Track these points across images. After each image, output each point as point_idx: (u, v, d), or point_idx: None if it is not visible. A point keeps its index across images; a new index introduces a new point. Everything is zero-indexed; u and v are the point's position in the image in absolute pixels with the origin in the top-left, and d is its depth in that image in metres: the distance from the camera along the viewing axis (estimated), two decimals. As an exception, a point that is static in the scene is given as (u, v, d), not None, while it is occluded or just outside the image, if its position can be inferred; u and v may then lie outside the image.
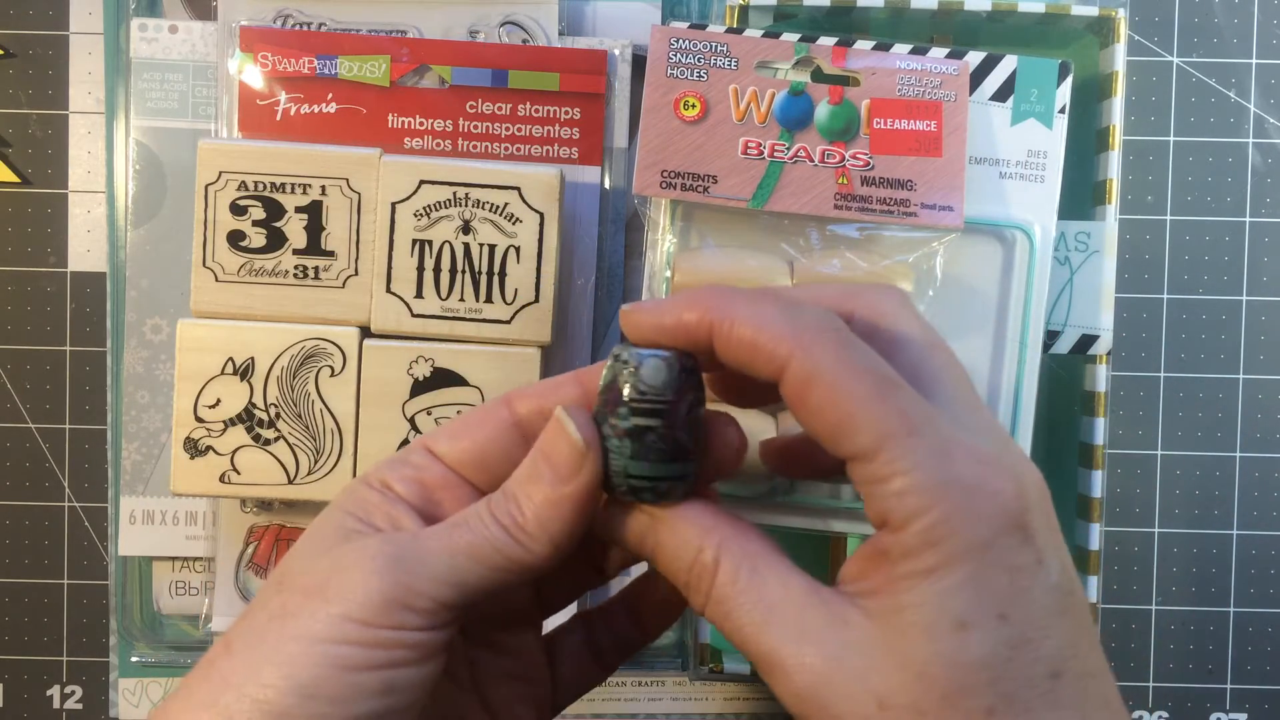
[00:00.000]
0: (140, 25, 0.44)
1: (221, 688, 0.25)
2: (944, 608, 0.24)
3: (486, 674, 0.31)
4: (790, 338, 0.25)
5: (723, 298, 0.27)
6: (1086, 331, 0.43)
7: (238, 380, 0.40)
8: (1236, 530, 0.48)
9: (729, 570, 0.26)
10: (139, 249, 0.44)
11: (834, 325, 0.26)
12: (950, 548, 0.24)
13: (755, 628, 0.25)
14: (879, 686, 0.24)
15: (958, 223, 0.40)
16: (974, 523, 0.24)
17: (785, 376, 0.25)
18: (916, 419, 0.25)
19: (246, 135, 0.42)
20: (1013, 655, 0.24)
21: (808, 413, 0.25)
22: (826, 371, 0.25)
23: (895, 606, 0.24)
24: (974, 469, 0.24)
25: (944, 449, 0.24)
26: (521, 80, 0.43)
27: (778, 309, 0.26)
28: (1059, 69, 0.41)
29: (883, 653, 0.24)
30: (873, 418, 0.24)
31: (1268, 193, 0.48)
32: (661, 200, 0.41)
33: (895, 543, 0.24)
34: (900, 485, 0.24)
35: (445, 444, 0.29)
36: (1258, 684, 0.48)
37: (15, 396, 0.47)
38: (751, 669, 0.44)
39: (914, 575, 0.24)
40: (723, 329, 0.26)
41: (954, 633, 0.24)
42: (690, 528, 0.27)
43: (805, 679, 0.25)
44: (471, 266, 0.40)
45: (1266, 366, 0.48)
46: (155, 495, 0.44)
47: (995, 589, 0.24)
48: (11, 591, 0.47)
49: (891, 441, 0.24)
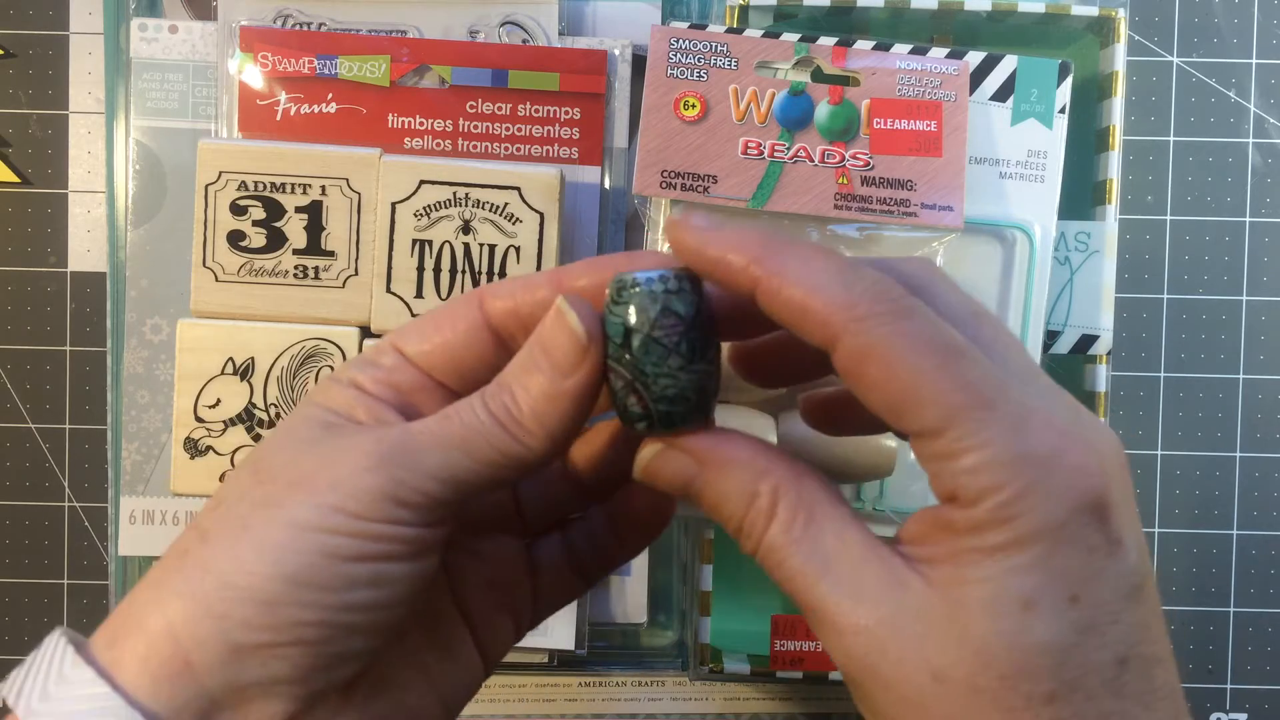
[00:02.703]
0: (140, 25, 0.44)
1: (199, 575, 0.24)
2: (1010, 586, 0.22)
3: (466, 582, 0.30)
4: (845, 308, 0.23)
5: (773, 249, 0.25)
6: (1086, 331, 0.43)
7: (238, 380, 0.40)
8: (1236, 530, 0.48)
9: (784, 517, 0.25)
10: (139, 249, 0.44)
11: (892, 292, 0.24)
12: (1023, 526, 0.22)
13: (808, 579, 0.24)
14: (935, 658, 0.23)
15: (958, 223, 0.40)
16: (1050, 501, 0.22)
17: (838, 348, 0.24)
18: (987, 391, 0.23)
19: (246, 135, 0.42)
20: (1080, 640, 0.23)
21: (865, 388, 0.24)
22: (885, 346, 0.23)
23: (959, 578, 0.23)
24: (1051, 440, 0.23)
25: (1018, 421, 0.23)
26: (521, 80, 0.43)
27: (832, 271, 0.24)
28: (1059, 69, 0.41)
29: (942, 623, 0.23)
30: (938, 393, 0.23)
31: (1268, 193, 0.48)
32: (661, 200, 0.41)
33: (964, 517, 0.23)
34: (971, 462, 0.23)
35: (415, 344, 0.27)
36: (1258, 684, 0.48)
37: (15, 396, 0.47)
38: (751, 669, 0.44)
39: (981, 551, 0.23)
40: (770, 286, 0.24)
41: (1019, 612, 0.22)
42: (744, 470, 0.25)
43: (858, 641, 0.23)
44: (471, 266, 0.40)
45: (1266, 366, 0.48)
46: (155, 495, 0.44)
47: (1067, 571, 0.23)
48: (11, 591, 0.47)
49: (960, 417, 0.23)
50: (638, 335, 0.25)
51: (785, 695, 0.47)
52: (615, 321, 0.25)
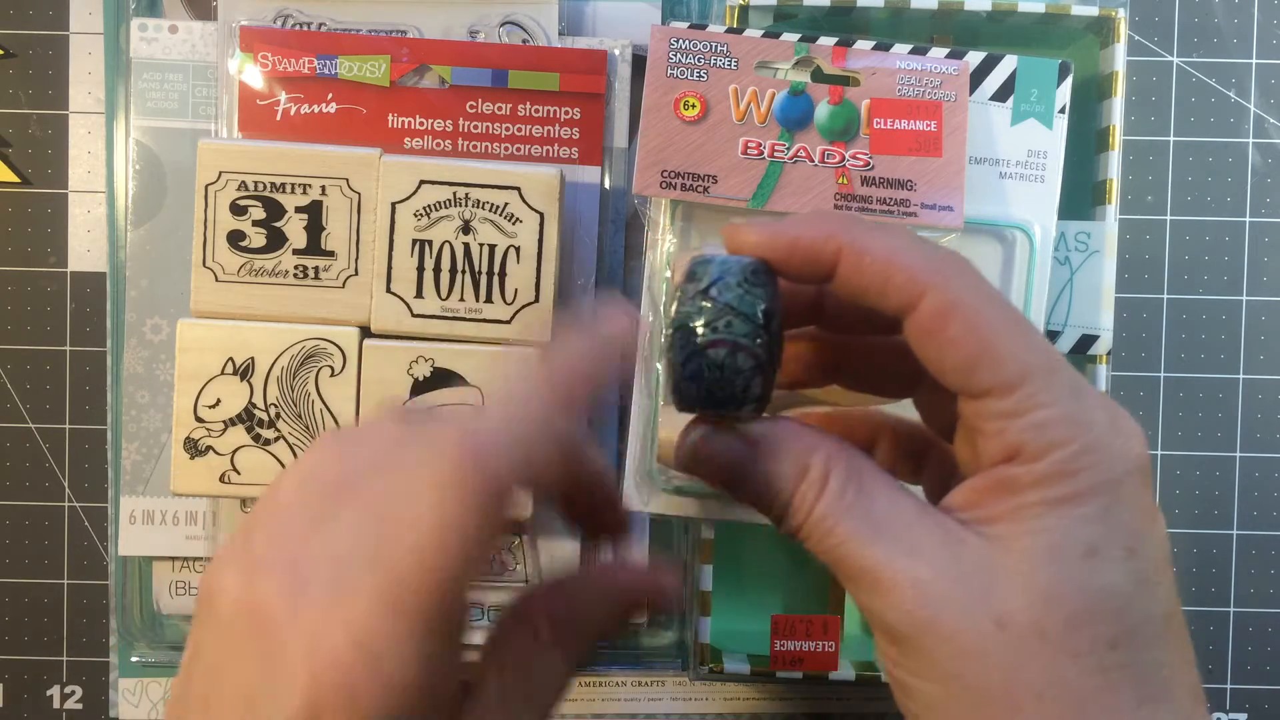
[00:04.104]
0: (140, 25, 0.44)
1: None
2: (1075, 534, 0.24)
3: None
4: (929, 268, 0.25)
5: (851, 223, 0.26)
6: (1086, 331, 0.43)
7: (238, 380, 0.40)
8: (1236, 530, 0.48)
9: (837, 485, 0.25)
10: (139, 249, 0.44)
11: (964, 259, 0.26)
12: (1085, 480, 0.24)
13: (860, 542, 0.25)
14: (999, 606, 0.23)
15: (958, 223, 0.40)
16: (1110, 460, 0.24)
17: (921, 305, 0.25)
18: (1054, 356, 0.25)
19: (246, 135, 0.42)
20: (1136, 591, 0.24)
21: (943, 343, 0.25)
22: (968, 302, 0.24)
23: (1020, 531, 0.24)
24: (1107, 407, 0.25)
25: (1079, 387, 0.25)
26: (521, 80, 0.43)
27: (911, 238, 0.26)
28: (1059, 69, 0.41)
29: (1005, 573, 0.24)
30: (1015, 350, 0.24)
31: (1268, 193, 0.48)
32: (661, 200, 0.41)
33: (1026, 473, 0.24)
34: (1041, 417, 0.24)
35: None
36: (1258, 684, 0.48)
37: (15, 396, 0.47)
38: (751, 669, 0.44)
39: (1045, 503, 0.24)
40: (853, 255, 0.25)
41: (1084, 558, 0.23)
42: (797, 444, 0.26)
43: (915, 594, 0.24)
44: (471, 266, 0.40)
45: (1266, 366, 0.48)
46: (155, 495, 0.44)
47: (1125, 524, 0.24)
48: (11, 591, 0.47)
49: (1033, 375, 0.24)
50: (708, 320, 0.25)
51: (785, 695, 0.47)
52: (694, 300, 0.26)
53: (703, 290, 0.26)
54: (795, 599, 0.47)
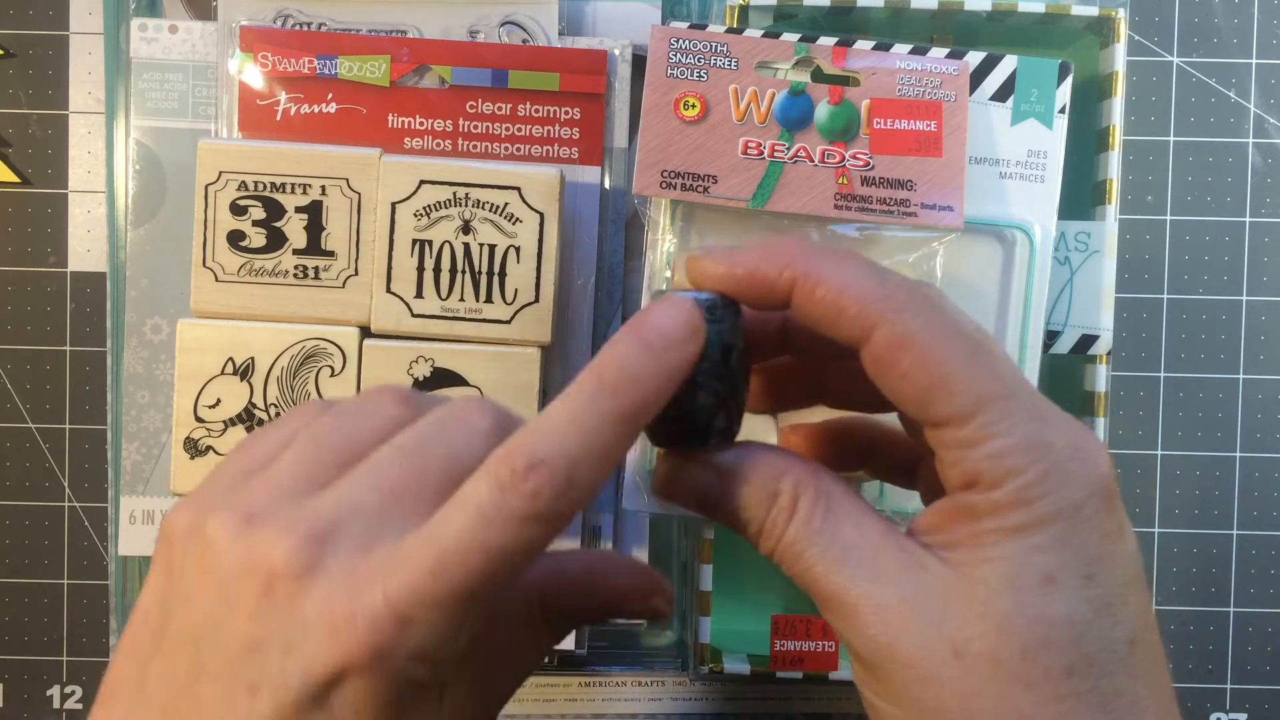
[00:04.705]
0: (140, 25, 0.44)
1: None
2: (1031, 563, 0.23)
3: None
4: (881, 300, 0.25)
5: (806, 252, 0.26)
6: (1086, 331, 0.43)
7: (238, 380, 0.40)
8: (1236, 530, 0.48)
9: (805, 511, 0.25)
10: (139, 249, 0.44)
11: (921, 288, 0.25)
12: (1043, 508, 0.24)
13: (827, 567, 0.25)
14: (956, 634, 0.23)
15: (958, 223, 0.40)
16: (1068, 485, 0.24)
17: (874, 338, 0.25)
18: (1010, 381, 0.24)
19: (246, 135, 0.42)
20: (1095, 617, 0.23)
21: (895, 378, 0.25)
22: (920, 335, 0.24)
23: (979, 558, 0.24)
24: (1067, 430, 0.24)
25: (1038, 411, 0.24)
26: (521, 80, 0.43)
27: (866, 268, 0.25)
28: (1059, 69, 0.41)
29: (962, 600, 0.24)
30: (970, 380, 0.24)
31: (1268, 193, 0.48)
32: (661, 200, 0.41)
33: (984, 501, 0.24)
34: (996, 447, 0.24)
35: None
36: (1258, 684, 0.48)
37: (15, 396, 0.47)
38: (751, 669, 0.44)
39: (1001, 531, 0.24)
40: (806, 286, 0.25)
41: (1039, 587, 0.23)
42: (764, 471, 0.26)
43: (877, 620, 0.24)
44: (471, 266, 0.40)
45: (1266, 366, 0.48)
46: (155, 495, 0.44)
47: (1084, 550, 0.24)
48: (11, 591, 0.47)
49: (988, 404, 0.24)
50: None
51: (785, 695, 0.47)
52: None
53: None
54: (795, 599, 0.47)
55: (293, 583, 0.22)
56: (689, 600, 0.45)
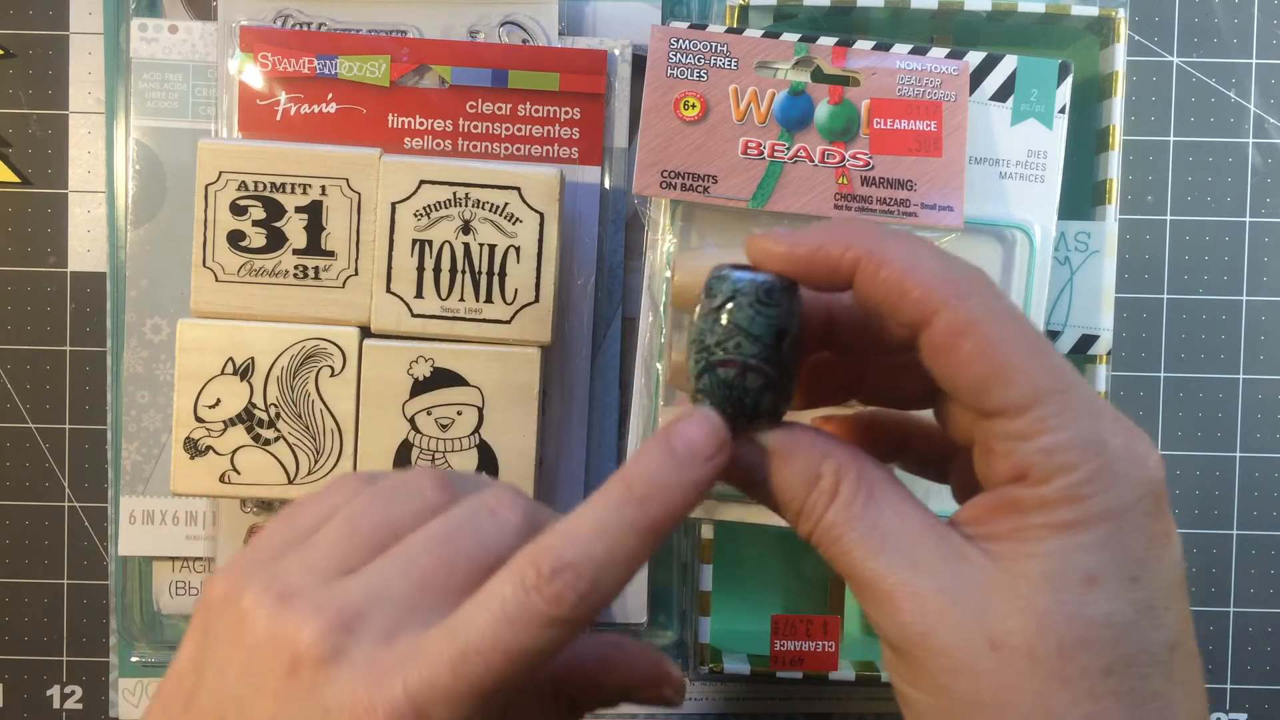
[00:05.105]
0: (140, 25, 0.44)
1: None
2: (1075, 561, 0.23)
3: None
4: (945, 284, 0.24)
5: (870, 233, 0.26)
6: (1086, 331, 0.43)
7: (238, 380, 0.40)
8: (1236, 530, 0.48)
9: (846, 495, 0.25)
10: (139, 249, 0.44)
11: (985, 276, 0.25)
12: (1092, 507, 0.23)
13: (864, 552, 0.25)
14: (994, 626, 0.23)
15: (958, 223, 0.40)
16: (1119, 485, 0.24)
17: (935, 323, 0.24)
18: (1068, 377, 0.24)
19: (246, 135, 0.42)
20: (1138, 619, 0.23)
21: (954, 364, 0.24)
22: (982, 323, 0.24)
23: (1022, 553, 0.24)
24: (1122, 433, 0.24)
25: (1093, 409, 0.24)
26: (521, 80, 0.43)
27: (931, 252, 0.25)
28: (1059, 69, 0.41)
29: (1002, 594, 0.24)
30: (1028, 372, 0.24)
31: (1268, 193, 0.48)
32: (661, 200, 0.41)
33: (1032, 495, 0.24)
34: (1050, 441, 0.24)
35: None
36: (1258, 684, 0.48)
37: (15, 396, 0.47)
38: (751, 669, 0.44)
39: (1048, 527, 0.24)
40: (870, 267, 0.25)
41: (1082, 586, 0.23)
42: (807, 454, 0.26)
43: (913, 608, 0.24)
44: (471, 266, 0.40)
45: (1266, 366, 0.48)
46: (155, 495, 0.44)
47: (1130, 552, 0.24)
48: (11, 591, 0.47)
49: (1045, 398, 0.24)
50: (719, 340, 0.26)
51: (785, 695, 0.47)
52: (709, 317, 0.26)
53: (716, 309, 0.26)
54: (795, 599, 0.47)
55: (317, 667, 0.23)
56: (689, 600, 0.45)
